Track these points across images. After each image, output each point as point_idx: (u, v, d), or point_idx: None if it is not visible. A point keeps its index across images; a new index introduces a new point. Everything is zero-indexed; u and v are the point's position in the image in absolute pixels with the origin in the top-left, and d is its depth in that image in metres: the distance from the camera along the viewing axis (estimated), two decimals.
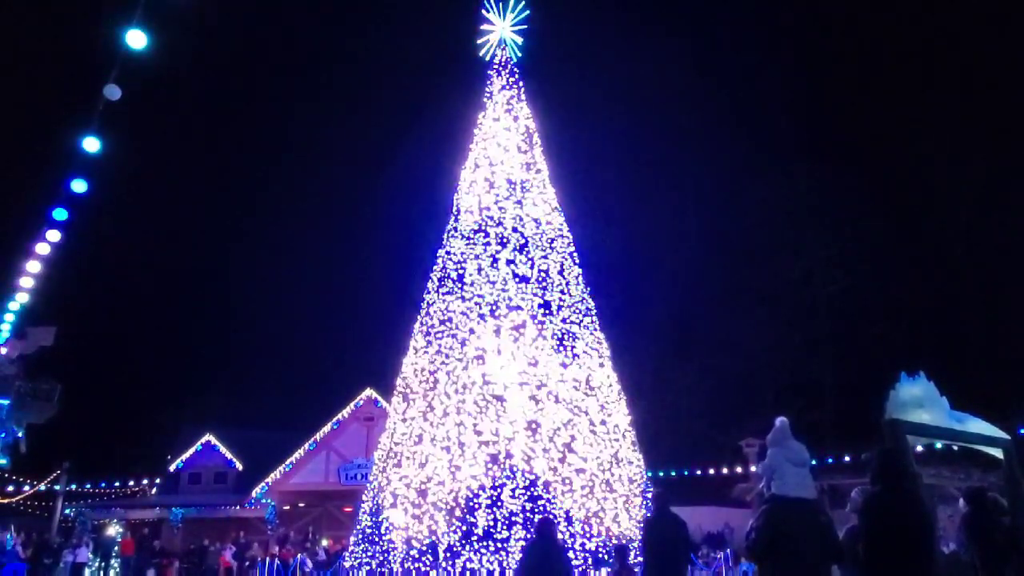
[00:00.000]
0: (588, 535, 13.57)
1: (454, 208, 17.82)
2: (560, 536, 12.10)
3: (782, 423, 5.21)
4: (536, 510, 13.27)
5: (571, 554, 12.69)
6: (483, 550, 13.03)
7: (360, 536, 15.26)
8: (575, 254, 17.44)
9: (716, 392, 35.64)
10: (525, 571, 8.18)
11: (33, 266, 13.27)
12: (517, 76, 19.45)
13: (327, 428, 32.78)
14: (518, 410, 14.47)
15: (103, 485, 35.55)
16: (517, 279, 16.01)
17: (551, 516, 11.35)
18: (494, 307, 15.64)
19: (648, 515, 11.27)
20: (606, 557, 13.33)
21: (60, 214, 12.00)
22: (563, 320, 15.88)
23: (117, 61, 9.14)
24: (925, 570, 4.73)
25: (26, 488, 34.15)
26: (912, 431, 6.71)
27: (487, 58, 19.93)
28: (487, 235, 16.62)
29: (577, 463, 14.26)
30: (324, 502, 33.93)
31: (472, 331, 15.47)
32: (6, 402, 22.74)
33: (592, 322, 16.66)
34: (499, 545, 13.04)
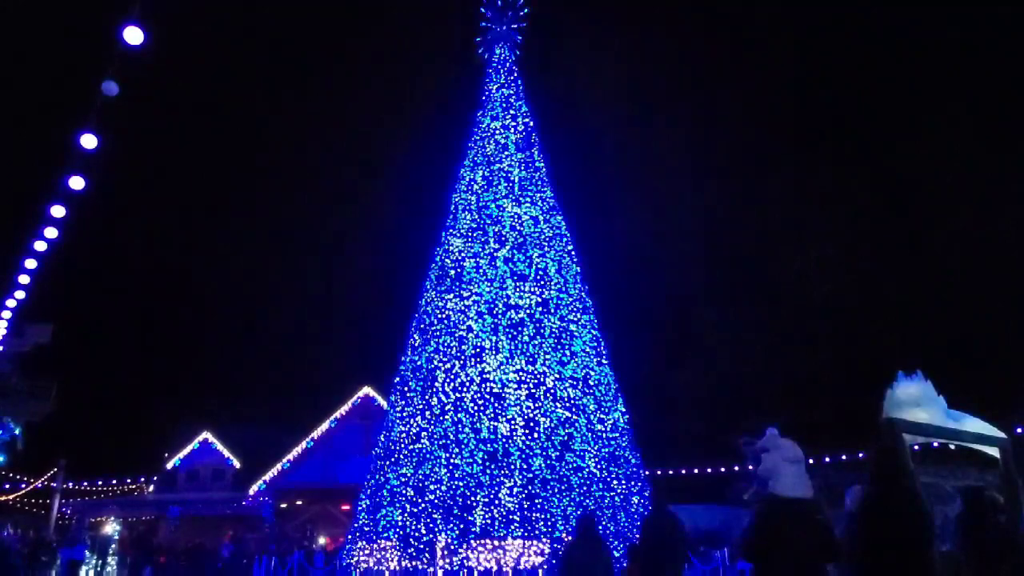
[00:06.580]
0: None
1: (452, 206, 17.81)
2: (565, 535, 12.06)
3: (771, 432, 5.27)
4: (534, 508, 13.29)
5: None
6: (480, 548, 13.04)
7: (358, 534, 15.26)
8: (573, 252, 17.44)
9: (714, 390, 35.66)
10: (569, 569, 8.10)
11: (30, 263, 13.22)
12: (516, 74, 19.44)
13: (325, 426, 32.79)
14: (516, 408, 14.48)
15: (100, 483, 35.54)
16: (515, 277, 16.00)
17: (593, 512, 11.39)
18: (492, 305, 15.64)
19: (646, 513, 11.26)
20: None
21: (57, 211, 11.96)
22: (561, 318, 15.87)
23: (114, 57, 9.11)
24: (923, 570, 4.73)
25: (23, 486, 34.13)
26: (909, 430, 6.70)
27: (486, 56, 19.94)
28: (485, 233, 16.62)
29: (575, 461, 14.26)
30: (322, 500, 33.91)
31: (470, 329, 15.47)
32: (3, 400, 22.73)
33: (590, 320, 16.67)
34: (496, 543, 13.04)
